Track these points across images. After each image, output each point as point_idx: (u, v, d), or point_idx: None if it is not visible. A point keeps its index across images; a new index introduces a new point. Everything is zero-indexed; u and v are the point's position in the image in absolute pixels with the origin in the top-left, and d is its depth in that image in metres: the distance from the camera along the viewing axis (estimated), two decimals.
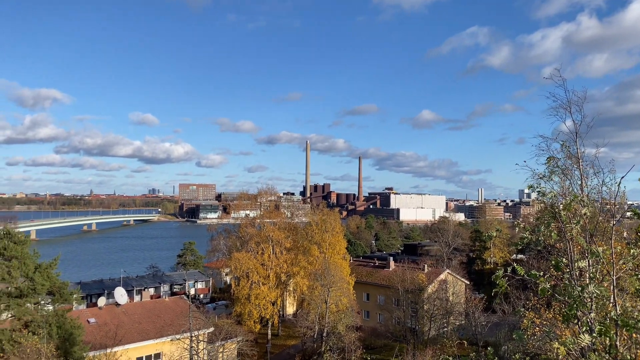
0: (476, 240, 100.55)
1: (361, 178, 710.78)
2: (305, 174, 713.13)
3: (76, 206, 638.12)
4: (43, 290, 34.09)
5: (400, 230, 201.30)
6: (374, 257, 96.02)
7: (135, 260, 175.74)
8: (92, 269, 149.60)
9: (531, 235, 9.01)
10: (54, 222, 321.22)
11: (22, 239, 35.21)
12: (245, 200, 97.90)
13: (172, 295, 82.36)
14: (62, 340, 33.66)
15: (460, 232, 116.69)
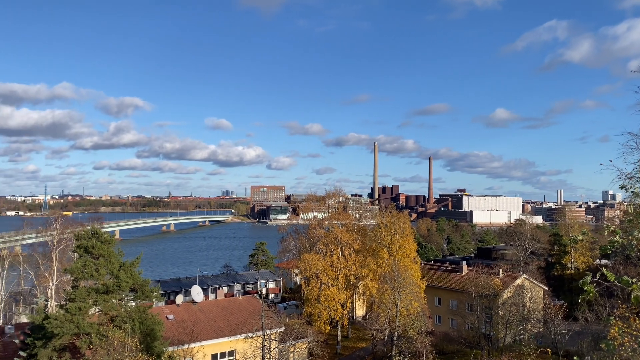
0: (555, 244, 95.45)
1: (431, 179, 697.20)
2: (373, 175, 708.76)
3: (156, 207, 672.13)
4: (127, 287, 36.11)
5: (473, 233, 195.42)
6: (445, 261, 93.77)
7: (210, 259, 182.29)
8: (170, 268, 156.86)
9: (623, 239, 8.36)
10: (136, 222, 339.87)
11: (108, 239, 37.51)
12: (314, 202, 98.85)
13: (244, 294, 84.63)
14: (144, 335, 35.46)
15: (538, 235, 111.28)
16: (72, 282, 38.50)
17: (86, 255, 36.31)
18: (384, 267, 65.08)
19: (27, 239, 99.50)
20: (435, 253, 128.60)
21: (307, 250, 74.26)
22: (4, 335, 41.41)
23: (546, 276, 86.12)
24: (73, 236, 55.40)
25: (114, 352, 30.40)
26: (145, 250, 68.74)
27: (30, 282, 72.77)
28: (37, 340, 34.67)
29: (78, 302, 34.29)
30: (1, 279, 69.13)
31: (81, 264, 35.69)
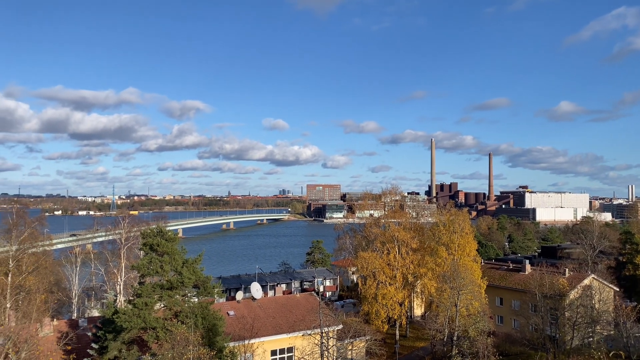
0: (627, 242, 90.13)
1: (492, 176, 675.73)
2: (430, 173, 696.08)
3: (216, 206, 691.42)
4: (190, 284, 37.40)
5: (536, 231, 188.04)
6: (507, 260, 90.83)
7: (268, 257, 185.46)
8: (230, 265, 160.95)
9: None
10: (198, 221, 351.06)
11: (171, 237, 38.97)
12: (370, 200, 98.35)
13: (302, 291, 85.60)
14: (206, 330, 36.60)
15: (607, 233, 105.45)
16: (139, 278, 40.30)
17: (151, 252, 37.87)
18: (443, 266, 63.89)
19: (98, 238, 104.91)
20: (497, 252, 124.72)
21: (364, 248, 74.07)
22: (78, 328, 43.92)
23: (617, 277, 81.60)
24: (139, 234, 57.97)
25: (178, 346, 31.58)
26: (206, 248, 71.03)
27: (101, 278, 76.74)
28: (108, 333, 36.53)
29: (144, 298, 35.84)
30: (75, 275, 73.30)
31: (147, 261, 37.28)
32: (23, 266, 64.11)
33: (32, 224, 71.11)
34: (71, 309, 71.74)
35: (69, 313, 71.85)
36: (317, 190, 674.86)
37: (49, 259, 76.91)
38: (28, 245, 67.23)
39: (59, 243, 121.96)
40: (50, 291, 68.59)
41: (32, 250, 68.50)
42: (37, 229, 72.96)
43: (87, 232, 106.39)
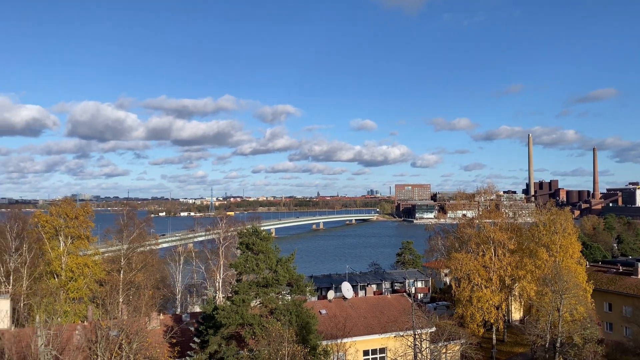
0: None
1: (597, 172, 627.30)
2: (527, 170, 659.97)
3: (306, 207, 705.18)
4: (284, 282, 38.49)
5: None
6: (616, 262, 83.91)
7: (358, 257, 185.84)
8: (321, 264, 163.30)
9: None
10: (289, 221, 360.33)
11: (266, 236, 40.36)
12: (462, 199, 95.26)
13: (393, 292, 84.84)
14: (299, 328, 37.44)
15: None
16: (236, 276, 42.10)
17: (247, 251, 39.43)
18: (543, 269, 60.48)
19: (198, 237, 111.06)
20: (604, 254, 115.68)
21: (457, 249, 72.00)
22: (181, 322, 46.75)
23: None
24: (236, 234, 60.61)
25: (274, 343, 32.60)
26: (298, 247, 72.66)
27: (202, 275, 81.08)
28: (209, 328, 38.51)
29: (242, 295, 37.36)
30: (178, 272, 78.12)
31: (243, 259, 38.87)
32: (133, 264, 69.46)
33: (140, 225, 76.82)
34: (175, 304, 76.52)
35: (173, 308, 76.70)
36: (406, 190, 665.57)
37: (155, 257, 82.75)
38: (137, 245, 72.76)
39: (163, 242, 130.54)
40: (157, 287, 73.68)
41: (140, 249, 74.06)
42: (145, 230, 78.74)
43: (189, 232, 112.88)
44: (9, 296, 47.33)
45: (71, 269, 62.22)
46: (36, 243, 64.23)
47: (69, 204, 70.34)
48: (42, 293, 56.66)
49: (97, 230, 77.69)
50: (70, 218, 65.19)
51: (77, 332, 40.43)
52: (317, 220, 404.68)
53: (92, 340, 36.71)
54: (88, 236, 68.01)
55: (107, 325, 36.46)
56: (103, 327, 36.03)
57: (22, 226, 65.95)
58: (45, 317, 33.77)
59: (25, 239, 63.66)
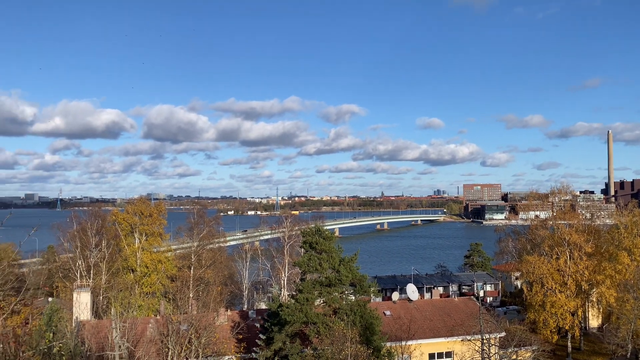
0: None
1: None
2: (607, 169, 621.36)
3: (370, 207, 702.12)
4: (347, 281, 38.42)
5: None
6: None
7: (424, 258, 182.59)
8: (385, 265, 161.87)
9: None
10: (353, 221, 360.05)
11: (329, 235, 40.46)
12: (535, 200, 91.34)
13: (460, 295, 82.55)
14: (363, 328, 37.23)
15: None
16: (300, 274, 42.54)
17: (311, 250, 39.69)
18: (625, 274, 56.71)
19: (264, 235, 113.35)
20: None
21: (529, 252, 68.99)
22: (248, 318, 47.83)
23: None
24: (300, 233, 61.28)
25: (337, 342, 32.59)
26: (361, 248, 72.29)
27: (267, 273, 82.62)
28: (274, 325, 39.12)
29: (305, 294, 37.66)
30: (245, 269, 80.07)
31: (307, 258, 39.16)
32: (202, 260, 71.93)
33: (210, 223, 79.48)
34: (242, 300, 78.46)
35: (240, 304, 78.68)
36: (474, 190, 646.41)
37: (223, 255, 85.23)
38: (206, 242, 75.31)
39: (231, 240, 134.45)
40: (225, 284, 75.92)
41: (209, 247, 76.57)
42: (214, 228, 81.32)
43: (255, 231, 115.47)
44: (89, 289, 50.43)
45: (146, 265, 65.34)
46: (114, 240, 68.01)
47: (144, 202, 74.01)
48: (119, 287, 59.88)
49: (170, 228, 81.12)
50: (145, 216, 68.52)
51: (150, 326, 42.37)
52: (382, 220, 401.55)
53: (164, 334, 38.33)
54: (161, 233, 71.21)
55: (177, 319, 37.95)
56: (174, 321, 37.54)
57: (102, 223, 70.03)
58: (121, 310, 35.63)
59: (104, 235, 67.55)
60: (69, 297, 55.28)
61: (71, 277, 64.17)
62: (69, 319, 47.95)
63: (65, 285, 64.92)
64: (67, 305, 52.67)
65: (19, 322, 47.90)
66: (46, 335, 35.20)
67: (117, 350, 32.55)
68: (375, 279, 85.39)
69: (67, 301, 55.25)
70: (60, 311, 45.25)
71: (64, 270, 69.28)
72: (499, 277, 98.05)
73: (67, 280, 65.03)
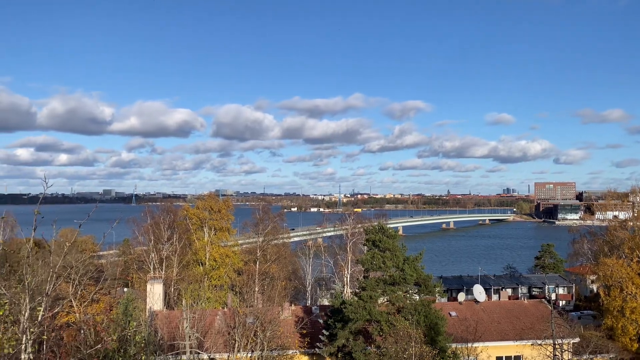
0: None
1: None
2: None
3: (435, 205, 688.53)
4: (411, 281, 37.95)
5: None
6: None
7: (491, 259, 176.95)
8: (450, 265, 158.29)
9: None
10: (417, 219, 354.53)
11: (393, 234, 40.13)
12: (614, 199, 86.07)
13: (530, 298, 79.37)
14: (428, 328, 36.66)
15: None
16: (363, 272, 42.46)
17: (374, 248, 39.52)
18: None
19: (327, 232, 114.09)
20: None
21: (606, 254, 65.17)
22: (311, 314, 48.36)
23: None
24: (363, 230, 61.20)
25: (401, 341, 32.27)
26: (426, 247, 71.11)
27: (330, 269, 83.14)
28: (337, 322, 39.34)
29: (369, 291, 37.58)
30: (308, 265, 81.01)
31: (370, 256, 39.04)
32: (267, 255, 73.53)
33: (274, 219, 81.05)
34: (305, 296, 79.44)
35: (303, 300, 79.70)
36: (546, 188, 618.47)
37: (287, 250, 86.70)
38: (271, 238, 76.89)
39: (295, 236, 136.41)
40: (289, 279, 77.17)
41: (274, 242, 78.12)
42: (278, 224, 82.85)
43: (318, 227, 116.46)
44: (161, 281, 52.90)
45: (214, 259, 67.65)
46: (184, 234, 70.91)
47: (213, 198, 76.70)
48: (189, 279, 62.38)
49: (236, 223, 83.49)
50: (214, 211, 70.96)
51: (218, 317, 43.84)
52: (448, 219, 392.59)
53: (231, 326, 39.55)
54: (229, 228, 73.48)
55: (244, 312, 39.02)
56: (241, 314, 38.63)
57: (173, 218, 73.25)
58: (191, 302, 37.06)
59: (176, 229, 70.59)
60: (143, 287, 58.25)
61: (145, 269, 67.61)
62: (143, 309, 50.54)
63: (140, 276, 68.47)
64: (142, 295, 55.56)
65: (98, 310, 51.10)
66: (130, 324, 37.20)
67: (187, 340, 33.92)
68: (440, 279, 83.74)
69: (141, 292, 58.26)
70: (135, 301, 47.73)
71: (138, 262, 73.10)
72: (572, 280, 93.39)
73: (142, 271, 68.56)
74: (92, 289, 50.26)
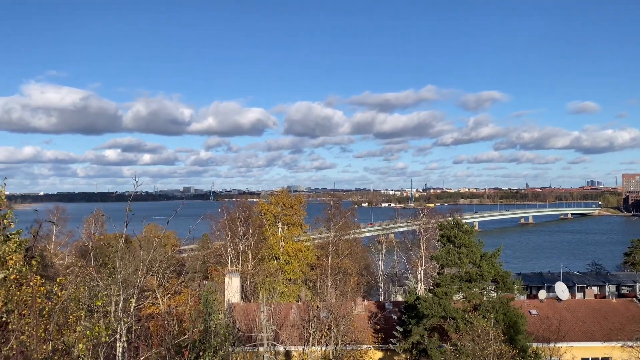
0: None
1: None
2: None
3: (513, 199, 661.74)
4: (489, 277, 36.79)
5: None
6: None
7: (574, 255, 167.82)
8: (530, 262, 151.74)
9: None
10: (493, 214, 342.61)
11: (468, 229, 39.07)
12: None
13: (619, 297, 74.52)
14: (507, 327, 35.41)
15: None
16: (438, 268, 41.70)
17: (449, 244, 38.69)
18: None
19: (399, 228, 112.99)
20: None
21: None
22: (384, 310, 48.18)
23: None
24: (437, 226, 60.07)
25: (479, 340, 31.40)
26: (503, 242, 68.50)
27: (403, 265, 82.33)
28: (411, 318, 38.94)
29: (444, 288, 36.87)
30: (380, 261, 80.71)
31: (445, 252, 38.27)
32: (339, 250, 74.01)
33: (345, 215, 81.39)
34: (378, 292, 79.21)
35: (376, 295, 79.50)
36: (636, 180, 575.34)
37: (359, 246, 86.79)
38: (342, 233, 77.31)
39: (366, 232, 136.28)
40: (361, 274, 77.26)
41: (345, 237, 78.49)
42: (349, 219, 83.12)
43: (389, 223, 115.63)
44: (238, 274, 54.75)
45: (288, 253, 69.08)
46: (259, 229, 72.90)
47: (285, 194, 78.27)
48: (264, 273, 64.10)
49: (308, 219, 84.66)
50: (286, 207, 72.43)
51: (293, 311, 44.78)
52: (526, 213, 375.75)
53: (305, 319, 40.27)
54: (301, 224, 74.71)
55: (318, 306, 39.59)
56: (314, 308, 39.23)
57: (248, 214, 75.49)
58: (266, 295, 38.09)
59: (251, 225, 72.73)
60: (221, 281, 60.54)
61: (223, 262, 70.23)
62: (222, 301, 52.55)
63: (218, 270, 71.22)
64: (220, 288, 57.77)
65: (180, 302, 53.78)
66: (214, 316, 38.83)
67: (264, 332, 34.96)
68: (519, 275, 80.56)
69: (219, 284, 60.56)
70: (214, 293, 49.77)
71: (216, 257, 76.03)
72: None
73: (219, 265, 71.29)
74: (174, 281, 53.00)
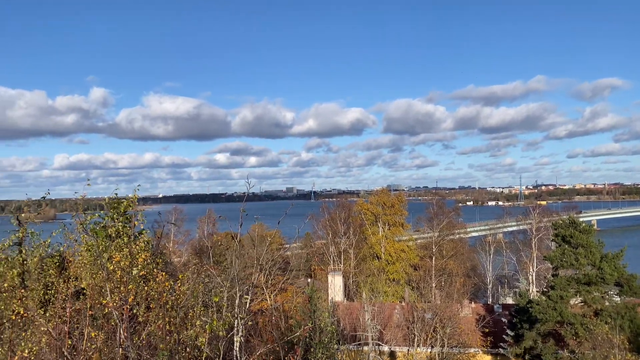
0: None
1: None
2: None
3: (636, 195, 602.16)
4: (611, 280, 33.72)
5: None
6: None
7: None
8: None
9: None
10: (615, 212, 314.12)
11: (586, 228, 36.14)
12: None
13: None
14: (633, 335, 32.27)
15: None
16: (552, 270, 39.02)
17: (564, 244, 36.09)
18: None
19: (508, 227, 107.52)
20: None
21: None
22: (493, 313, 46.07)
23: None
24: (550, 225, 56.29)
25: (600, 347, 28.94)
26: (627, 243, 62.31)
27: (512, 266, 78.20)
28: (523, 322, 36.83)
29: (559, 291, 34.44)
30: (488, 262, 77.28)
31: (560, 253, 35.74)
32: (443, 251, 72.01)
33: (449, 214, 78.99)
34: (486, 294, 75.91)
35: (484, 298, 76.25)
36: None
37: (464, 246, 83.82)
38: (446, 233, 75.10)
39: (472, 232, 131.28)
40: (467, 275, 74.51)
41: (449, 237, 76.17)
42: (453, 218, 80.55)
43: (498, 222, 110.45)
44: (341, 273, 55.34)
45: (389, 253, 68.54)
46: (359, 228, 73.11)
47: (385, 193, 77.73)
48: (366, 273, 64.17)
49: (410, 218, 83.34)
50: (387, 206, 71.92)
51: (396, 311, 44.35)
52: None
53: (409, 320, 39.70)
54: (402, 223, 73.74)
55: (422, 307, 38.86)
56: (418, 309, 38.54)
57: (348, 213, 76.00)
58: (370, 295, 38.10)
59: (351, 224, 73.15)
60: (324, 279, 61.61)
61: (325, 261, 71.38)
62: (325, 299, 53.44)
63: (321, 268, 72.52)
64: (323, 286, 58.79)
65: (286, 298, 55.49)
66: (323, 314, 39.78)
67: (369, 332, 34.99)
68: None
69: (322, 283, 61.65)
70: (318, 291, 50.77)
71: (318, 255, 77.46)
72: None
73: (322, 264, 72.54)
74: (280, 278, 54.85)
